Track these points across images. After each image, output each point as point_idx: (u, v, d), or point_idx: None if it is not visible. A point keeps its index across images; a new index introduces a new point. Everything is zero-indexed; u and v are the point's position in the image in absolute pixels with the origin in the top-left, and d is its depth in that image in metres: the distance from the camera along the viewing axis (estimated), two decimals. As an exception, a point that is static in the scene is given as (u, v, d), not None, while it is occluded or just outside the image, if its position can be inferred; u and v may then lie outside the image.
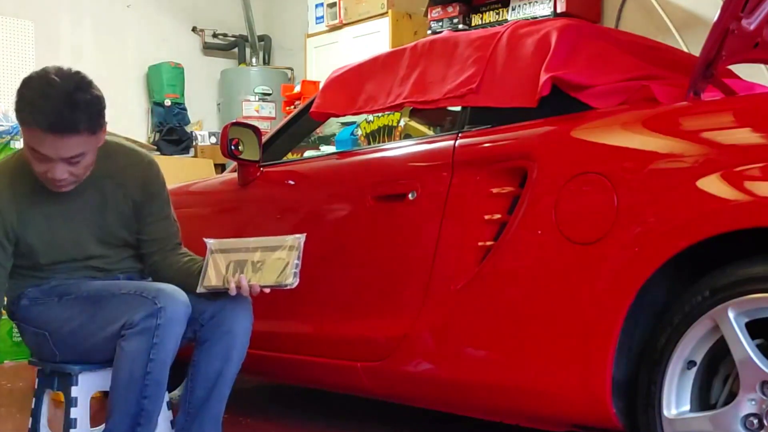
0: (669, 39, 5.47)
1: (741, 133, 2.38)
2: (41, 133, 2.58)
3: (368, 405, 3.83)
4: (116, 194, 2.94)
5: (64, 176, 2.68)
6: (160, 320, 2.59)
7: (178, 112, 8.40)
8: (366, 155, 3.52)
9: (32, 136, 2.62)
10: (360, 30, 7.46)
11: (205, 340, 2.79)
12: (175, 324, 2.63)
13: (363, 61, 3.60)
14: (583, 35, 3.06)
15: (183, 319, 2.67)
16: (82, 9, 8.14)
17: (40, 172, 2.68)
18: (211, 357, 2.79)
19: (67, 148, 2.62)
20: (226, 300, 2.79)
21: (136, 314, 2.61)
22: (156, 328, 2.59)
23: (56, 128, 2.57)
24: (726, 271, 2.27)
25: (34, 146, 2.63)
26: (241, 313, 2.81)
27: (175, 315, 2.63)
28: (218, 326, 2.78)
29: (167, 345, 2.62)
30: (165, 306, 2.61)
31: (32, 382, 3.02)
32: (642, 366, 2.44)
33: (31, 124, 2.59)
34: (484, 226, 2.83)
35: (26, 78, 2.67)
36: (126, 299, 2.69)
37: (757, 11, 2.59)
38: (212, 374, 2.79)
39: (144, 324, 2.59)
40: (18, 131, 5.98)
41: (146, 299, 2.64)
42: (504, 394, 2.76)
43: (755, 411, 2.20)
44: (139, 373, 2.60)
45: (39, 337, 2.84)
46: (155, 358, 2.60)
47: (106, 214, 2.91)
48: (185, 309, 2.68)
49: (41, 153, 2.63)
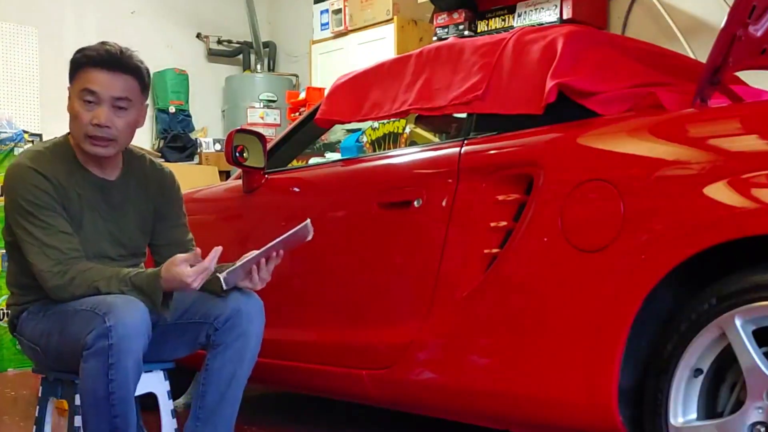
0: (675, 45, 5.47)
1: (748, 140, 2.38)
2: (93, 71, 2.75)
3: (373, 413, 3.82)
4: (139, 196, 2.98)
5: (110, 122, 2.76)
6: (111, 340, 2.49)
7: (182, 118, 8.41)
8: (371, 162, 3.52)
9: (84, 76, 2.76)
10: (365, 36, 7.46)
11: (219, 343, 2.77)
12: (129, 340, 2.51)
13: (368, 68, 3.60)
14: (589, 42, 3.05)
15: (138, 333, 2.54)
16: (86, 15, 8.15)
17: (85, 122, 2.75)
18: (226, 360, 2.78)
19: (116, 86, 2.76)
20: (241, 302, 2.79)
21: (89, 334, 2.52)
22: (109, 348, 2.49)
23: (109, 64, 2.75)
24: (733, 279, 2.27)
25: (85, 85, 2.75)
26: (255, 315, 2.81)
27: (127, 331, 2.51)
28: (233, 329, 2.77)
29: (125, 363, 2.51)
30: (115, 324, 2.50)
31: (36, 390, 3.02)
32: (648, 374, 2.44)
33: (85, 64, 2.76)
34: (490, 233, 2.83)
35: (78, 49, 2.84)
36: (83, 315, 2.60)
37: (764, 18, 2.58)
38: (226, 377, 2.78)
39: (97, 345, 2.51)
40: (22, 137, 5.98)
41: (97, 316, 2.54)
42: (510, 402, 2.75)
43: (762, 419, 2.19)
44: (102, 394, 2.52)
45: (33, 350, 2.84)
46: (115, 377, 2.51)
47: (127, 214, 2.93)
48: (139, 322, 2.55)
49: (91, 89, 2.74)
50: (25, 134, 6.38)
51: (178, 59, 8.63)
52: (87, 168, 2.86)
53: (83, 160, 2.85)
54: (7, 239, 2.84)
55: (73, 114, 2.78)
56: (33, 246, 2.70)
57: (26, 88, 7.58)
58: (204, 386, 2.80)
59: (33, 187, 2.72)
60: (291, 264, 3.58)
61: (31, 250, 2.71)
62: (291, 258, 3.59)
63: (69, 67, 2.81)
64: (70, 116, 2.79)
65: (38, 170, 2.74)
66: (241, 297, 2.80)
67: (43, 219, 2.71)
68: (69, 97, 2.81)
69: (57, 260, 2.68)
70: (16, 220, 2.74)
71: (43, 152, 2.82)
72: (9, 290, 2.94)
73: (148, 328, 2.59)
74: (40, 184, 2.72)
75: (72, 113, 2.78)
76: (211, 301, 2.81)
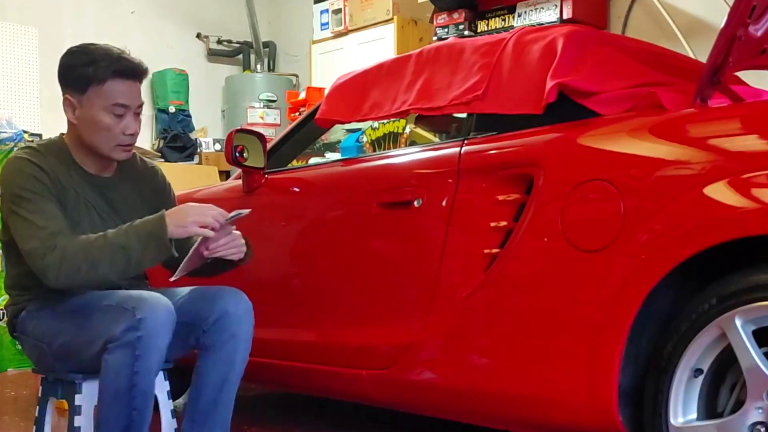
0: (676, 45, 5.48)
1: (748, 140, 2.38)
2: (121, 84, 2.78)
3: (373, 413, 3.82)
4: (135, 196, 3.01)
5: (138, 128, 2.87)
6: (140, 332, 2.53)
7: (182, 118, 8.41)
8: (371, 162, 3.52)
9: (112, 90, 2.78)
10: (365, 36, 7.47)
11: (209, 346, 2.77)
12: (157, 334, 2.57)
13: (368, 68, 3.60)
14: (589, 42, 3.05)
15: (166, 327, 2.60)
16: (86, 15, 8.16)
17: (117, 133, 2.81)
18: (217, 363, 2.78)
19: (138, 94, 2.86)
20: (229, 304, 2.79)
21: (117, 327, 2.55)
22: (137, 340, 2.53)
23: (133, 75, 2.81)
24: (733, 279, 2.26)
25: (115, 100, 2.78)
26: (243, 316, 2.80)
27: (156, 324, 2.56)
28: (222, 331, 2.76)
29: (151, 356, 2.57)
30: (145, 317, 2.54)
31: (36, 390, 3.02)
32: (649, 374, 2.43)
33: (112, 76, 2.77)
34: (490, 233, 2.83)
35: (69, 52, 2.87)
36: (108, 311, 2.64)
37: (765, 18, 2.58)
38: (218, 380, 2.78)
39: (125, 337, 2.54)
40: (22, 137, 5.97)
41: (126, 310, 2.58)
42: (510, 402, 2.75)
43: (762, 419, 2.19)
44: (124, 386, 2.56)
45: (38, 349, 2.83)
46: (139, 370, 2.55)
47: (124, 216, 2.93)
48: (167, 316, 2.61)
49: (121, 103, 2.78)
50: (25, 134, 6.38)
51: (178, 59, 8.64)
52: (83, 167, 2.88)
53: (79, 159, 2.87)
54: (4, 239, 2.84)
55: (101, 127, 2.79)
56: (24, 229, 2.68)
57: (26, 88, 7.58)
58: (196, 389, 2.80)
59: (29, 176, 2.72)
60: (291, 264, 3.59)
61: (23, 233, 2.68)
62: (291, 258, 3.60)
63: (74, 78, 2.80)
64: (94, 128, 2.80)
65: (35, 162, 2.75)
66: (229, 298, 2.80)
67: (36, 203, 2.70)
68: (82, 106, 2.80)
69: (46, 237, 2.64)
70: (9, 209, 2.73)
71: (38, 149, 2.84)
72: (7, 293, 2.94)
73: (174, 325, 2.63)
74: (36, 173, 2.73)
75: (100, 126, 2.79)
76: (199, 302, 2.82)
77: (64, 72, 2.82)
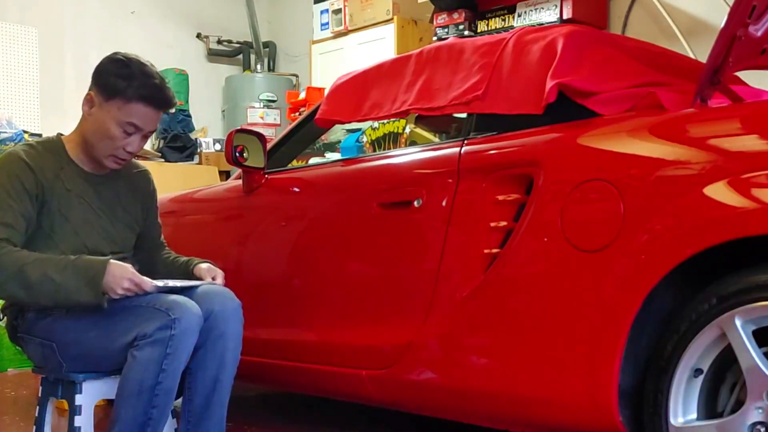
0: (676, 45, 5.48)
1: (748, 140, 2.37)
2: (144, 108, 2.84)
3: (373, 413, 3.82)
4: (128, 196, 3.09)
5: (140, 149, 2.96)
6: (174, 331, 2.61)
7: (182, 118, 8.40)
8: (371, 162, 3.52)
9: (133, 110, 2.83)
10: (365, 36, 7.47)
11: (198, 347, 2.77)
12: (188, 335, 2.66)
13: (368, 68, 3.60)
14: (589, 42, 3.05)
15: (196, 329, 2.69)
16: (86, 15, 8.16)
17: (119, 146, 2.88)
18: (207, 363, 2.79)
19: (155, 121, 2.92)
20: (215, 303, 2.81)
21: (150, 326, 2.62)
22: (170, 338, 2.61)
23: (159, 103, 2.89)
24: (733, 279, 2.26)
25: (130, 119, 2.83)
26: (231, 315, 2.82)
27: (189, 325, 2.65)
28: (210, 331, 2.77)
29: (180, 355, 2.65)
30: (180, 317, 2.63)
31: (36, 390, 3.02)
32: (648, 374, 2.43)
33: (137, 99, 2.82)
34: (490, 233, 2.83)
35: (114, 57, 2.89)
36: (138, 311, 2.69)
37: (764, 18, 2.57)
38: (209, 381, 2.79)
39: (158, 335, 2.61)
40: (22, 137, 5.98)
41: (159, 311, 2.65)
42: (510, 402, 2.75)
43: (762, 419, 2.19)
44: (149, 383, 2.61)
45: (45, 348, 2.83)
46: (167, 368, 2.62)
47: (117, 213, 3.01)
48: (198, 320, 2.70)
49: (135, 125, 2.84)
50: (25, 134, 6.39)
51: (178, 59, 8.64)
52: (79, 164, 2.93)
53: (75, 156, 2.93)
54: None
55: (107, 135, 2.86)
56: None
57: (26, 88, 7.57)
58: (189, 390, 2.82)
59: (14, 176, 2.78)
60: (291, 264, 3.59)
61: None
62: (291, 258, 3.60)
63: (106, 83, 2.84)
64: (101, 133, 2.86)
65: (27, 162, 2.80)
66: (216, 298, 2.84)
67: (11, 199, 2.74)
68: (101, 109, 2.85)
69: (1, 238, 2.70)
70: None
71: (35, 146, 2.90)
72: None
73: (200, 329, 2.72)
74: (21, 173, 2.78)
75: (107, 134, 2.86)
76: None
77: (99, 72, 2.87)
